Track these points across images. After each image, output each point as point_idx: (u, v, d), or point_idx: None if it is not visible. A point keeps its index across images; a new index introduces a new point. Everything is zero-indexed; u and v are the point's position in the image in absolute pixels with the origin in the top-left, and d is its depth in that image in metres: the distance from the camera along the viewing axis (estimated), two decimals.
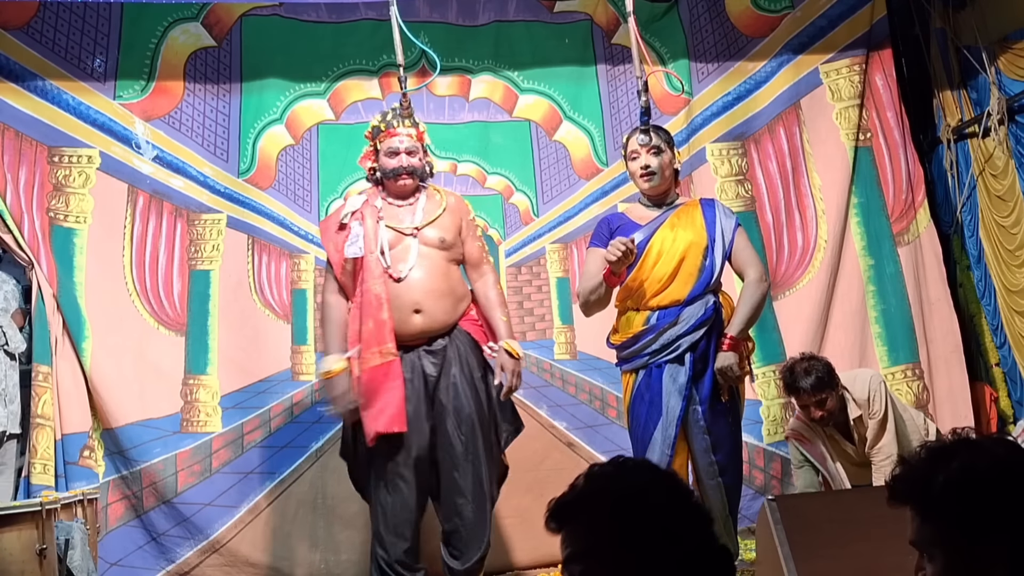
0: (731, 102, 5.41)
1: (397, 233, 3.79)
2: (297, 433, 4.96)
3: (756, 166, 5.39)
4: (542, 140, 5.43)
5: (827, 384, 3.98)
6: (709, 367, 3.62)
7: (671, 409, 3.59)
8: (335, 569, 4.74)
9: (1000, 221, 5.06)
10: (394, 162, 3.82)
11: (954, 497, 1.41)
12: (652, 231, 3.70)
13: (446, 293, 3.78)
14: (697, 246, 3.68)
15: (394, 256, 3.75)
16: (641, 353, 3.66)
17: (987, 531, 1.39)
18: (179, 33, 5.10)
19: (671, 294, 3.65)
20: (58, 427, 4.62)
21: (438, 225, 3.82)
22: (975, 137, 5.22)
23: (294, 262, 5.19)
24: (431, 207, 3.86)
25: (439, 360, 3.76)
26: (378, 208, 3.83)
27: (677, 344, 3.60)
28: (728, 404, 3.66)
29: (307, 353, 5.09)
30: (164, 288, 4.98)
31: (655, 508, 1.37)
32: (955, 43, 5.26)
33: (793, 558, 2.41)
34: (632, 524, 1.36)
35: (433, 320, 3.74)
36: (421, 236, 3.78)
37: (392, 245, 3.76)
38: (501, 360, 3.79)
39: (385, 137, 3.85)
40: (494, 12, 5.37)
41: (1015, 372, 5.04)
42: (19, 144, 4.82)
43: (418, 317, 3.71)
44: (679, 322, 3.62)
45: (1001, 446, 1.49)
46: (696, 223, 3.72)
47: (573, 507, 1.41)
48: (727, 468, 3.64)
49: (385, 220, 3.80)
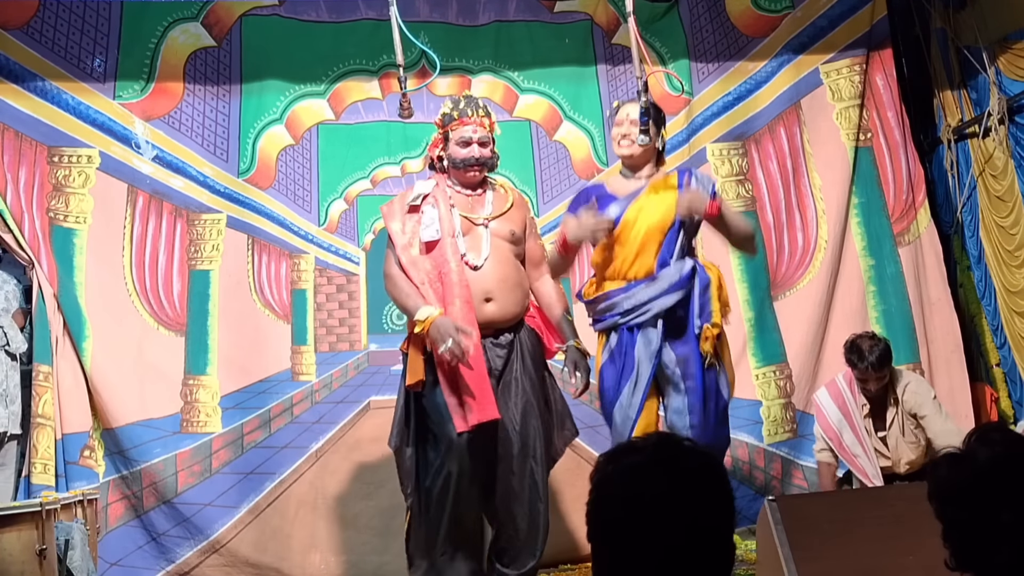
0: (731, 102, 5.41)
1: (468, 222, 3.69)
2: (297, 433, 4.96)
3: (756, 166, 5.39)
4: (542, 140, 5.43)
5: (887, 363, 4.32)
6: (687, 333, 3.59)
7: (641, 374, 3.60)
8: (335, 569, 4.74)
9: (1000, 221, 5.06)
10: (466, 152, 3.71)
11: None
12: (626, 204, 3.71)
13: (516, 285, 3.70)
14: (667, 217, 3.66)
15: (467, 244, 3.65)
16: (612, 311, 3.67)
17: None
18: (179, 33, 5.10)
19: (643, 265, 3.66)
20: (58, 427, 4.62)
21: (508, 218, 3.74)
22: (975, 137, 5.21)
23: (294, 262, 5.18)
24: (499, 200, 3.78)
25: (505, 354, 3.65)
26: (448, 195, 3.73)
27: (647, 307, 3.60)
28: (710, 366, 3.61)
29: (307, 353, 5.09)
30: (164, 288, 4.98)
31: (623, 501, 1.35)
32: (955, 43, 5.25)
33: (793, 558, 2.41)
34: (602, 517, 1.36)
35: (504, 310, 3.64)
36: (492, 227, 3.69)
37: (464, 232, 3.67)
38: (574, 358, 3.72)
39: (457, 126, 3.72)
40: (494, 12, 5.37)
41: (1015, 372, 5.04)
42: (19, 144, 4.82)
43: (490, 306, 3.61)
44: (653, 284, 3.61)
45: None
46: (668, 194, 3.70)
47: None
48: (703, 431, 3.56)
49: (457, 208, 3.71)
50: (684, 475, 1.34)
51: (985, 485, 1.50)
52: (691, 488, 1.33)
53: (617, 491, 1.35)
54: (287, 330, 5.11)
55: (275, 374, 5.03)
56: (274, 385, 5.01)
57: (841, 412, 4.44)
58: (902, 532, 2.41)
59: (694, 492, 1.32)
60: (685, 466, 1.36)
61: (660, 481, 1.32)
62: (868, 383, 4.32)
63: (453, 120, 3.74)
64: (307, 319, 5.14)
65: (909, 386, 4.38)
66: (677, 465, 1.35)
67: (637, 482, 1.34)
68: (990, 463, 1.52)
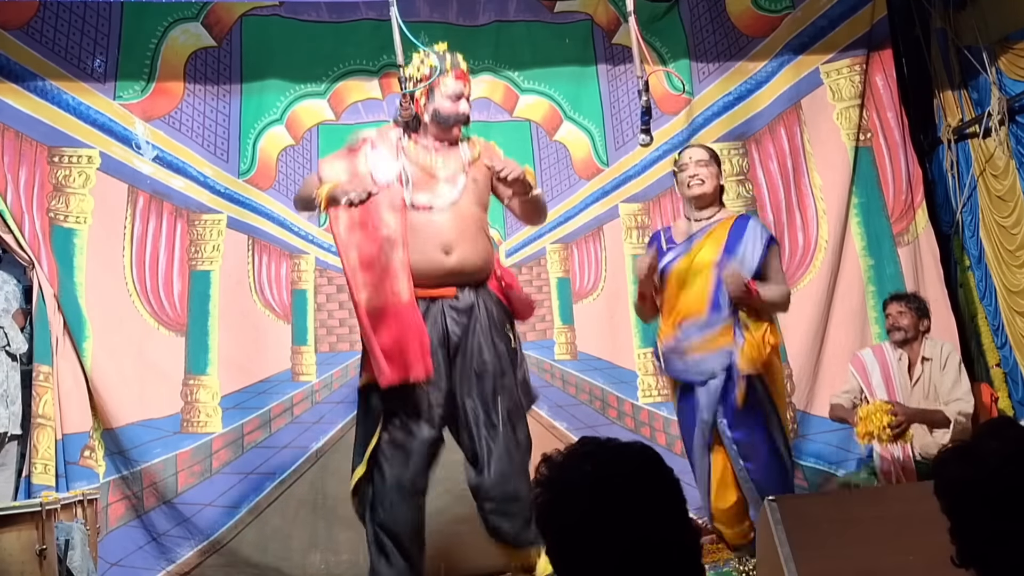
0: (732, 102, 5.41)
1: (427, 173, 3.57)
2: (297, 433, 4.96)
3: (757, 166, 5.39)
4: (542, 140, 5.43)
5: (916, 308, 4.55)
6: (733, 384, 3.66)
7: (703, 420, 3.71)
8: (335, 569, 4.74)
9: (1001, 221, 5.06)
10: (455, 107, 3.58)
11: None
12: (680, 252, 3.78)
13: (477, 233, 3.56)
14: (712, 268, 3.72)
15: (425, 192, 3.52)
16: (669, 370, 3.83)
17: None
18: (179, 33, 5.10)
19: (692, 310, 3.72)
20: (59, 427, 4.62)
21: (474, 170, 3.63)
22: (976, 137, 5.21)
23: (294, 263, 5.18)
24: (468, 153, 3.67)
25: (464, 320, 3.50)
26: (401, 144, 3.61)
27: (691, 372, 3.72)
28: (758, 413, 3.68)
29: (307, 353, 5.09)
30: (164, 288, 4.98)
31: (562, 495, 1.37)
32: (955, 43, 5.25)
33: (793, 558, 2.40)
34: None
35: (465, 259, 3.49)
36: (462, 181, 3.57)
37: (421, 182, 3.54)
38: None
39: (447, 78, 3.57)
40: (494, 12, 5.37)
41: (1016, 372, 5.03)
42: (19, 144, 4.82)
43: (450, 257, 3.47)
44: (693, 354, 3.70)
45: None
46: (720, 242, 3.75)
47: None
48: (761, 476, 3.67)
49: (411, 158, 3.58)
50: (612, 465, 1.35)
51: (993, 481, 1.49)
52: (623, 476, 1.33)
53: (551, 497, 1.37)
54: (287, 330, 5.11)
55: (275, 374, 5.03)
56: (274, 385, 5.01)
57: (879, 362, 4.52)
58: (902, 532, 2.41)
59: (627, 480, 1.33)
60: (612, 457, 1.37)
61: (587, 473, 1.34)
62: (895, 317, 4.51)
63: (442, 72, 3.57)
64: (307, 319, 5.14)
65: (942, 347, 4.51)
66: (603, 457, 1.37)
67: (565, 481, 1.35)
68: (999, 459, 1.51)
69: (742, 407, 3.64)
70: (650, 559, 1.29)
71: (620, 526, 1.29)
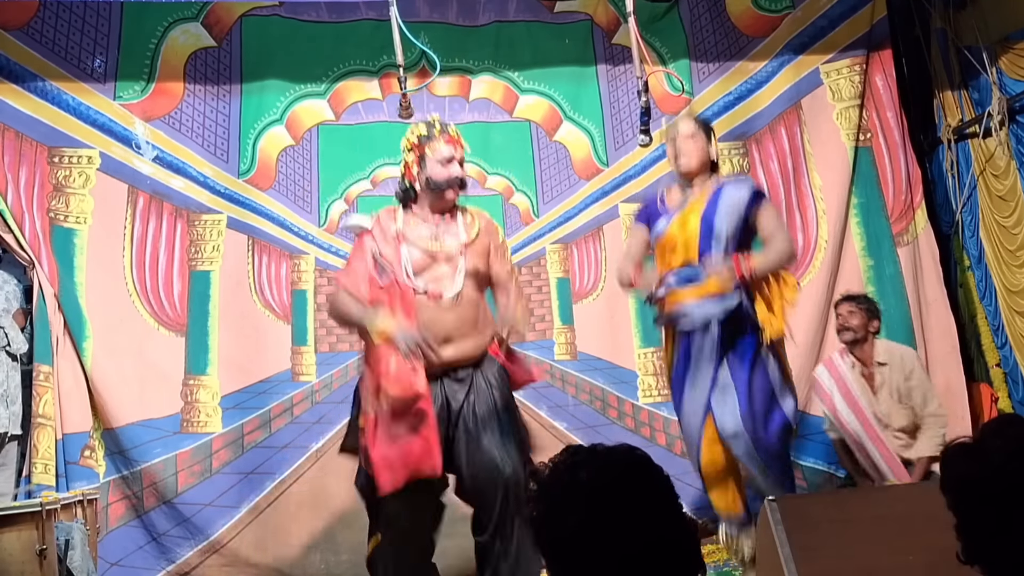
0: (732, 102, 5.41)
1: (429, 256, 3.43)
2: (297, 433, 4.96)
3: (757, 166, 5.39)
4: (542, 140, 5.43)
5: (865, 300, 4.55)
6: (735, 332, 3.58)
7: (702, 360, 3.58)
8: (335, 569, 4.74)
9: (1001, 221, 5.06)
10: (447, 171, 3.44)
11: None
12: (669, 219, 3.73)
13: (475, 327, 3.45)
14: (697, 229, 3.66)
15: (427, 278, 3.40)
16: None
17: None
18: (179, 33, 5.11)
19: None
20: (59, 427, 4.63)
21: (474, 252, 3.48)
22: (976, 137, 5.21)
23: (294, 263, 5.18)
24: (468, 227, 3.52)
25: (464, 388, 3.42)
26: (393, 230, 3.47)
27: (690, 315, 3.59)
28: (757, 358, 3.59)
29: (307, 354, 5.09)
30: (164, 288, 4.98)
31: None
32: (955, 43, 5.25)
33: (793, 558, 2.40)
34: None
35: (462, 353, 3.41)
36: (463, 259, 3.44)
37: (423, 268, 3.42)
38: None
39: (436, 144, 3.46)
40: (494, 12, 5.37)
41: (1016, 373, 5.03)
42: (19, 144, 4.82)
43: (448, 348, 3.36)
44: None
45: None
46: (701, 206, 3.70)
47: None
48: (751, 424, 3.54)
49: (412, 239, 3.45)
50: (606, 471, 1.34)
51: (998, 478, 1.48)
52: (617, 481, 1.33)
53: (545, 510, 1.36)
54: (287, 330, 5.11)
55: (275, 374, 5.03)
56: (274, 385, 5.02)
57: (833, 377, 4.52)
58: (902, 532, 2.41)
59: (622, 485, 1.33)
60: (604, 463, 1.36)
61: (581, 481, 1.33)
62: (844, 316, 4.49)
63: (431, 139, 3.47)
64: (307, 319, 5.14)
65: (902, 355, 4.49)
66: (595, 464, 1.36)
67: (560, 493, 1.34)
68: (1004, 456, 1.50)
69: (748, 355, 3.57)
70: (650, 560, 1.29)
71: (618, 531, 1.29)
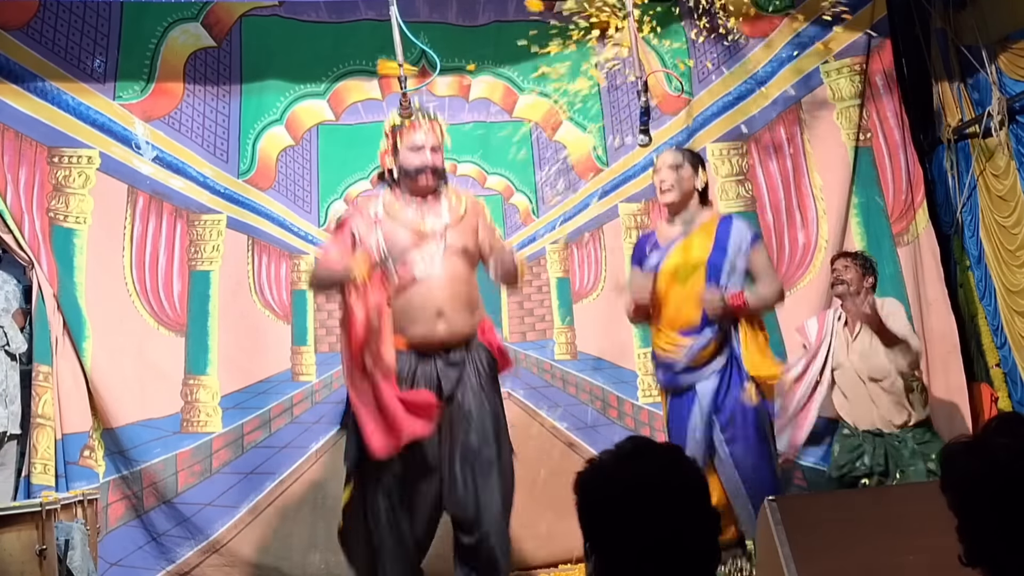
0: (731, 102, 5.41)
1: (416, 234, 3.55)
2: (297, 433, 4.96)
3: (757, 166, 5.39)
4: (542, 140, 5.43)
5: (862, 264, 4.57)
6: (726, 387, 3.67)
7: (697, 426, 3.71)
8: (335, 569, 4.72)
9: (1001, 221, 5.06)
10: (418, 158, 3.57)
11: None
12: (664, 254, 3.77)
13: (467, 303, 3.56)
14: (703, 267, 3.72)
15: (414, 252, 3.51)
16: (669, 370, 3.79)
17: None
18: (179, 33, 5.10)
19: (685, 316, 3.73)
20: (58, 427, 4.62)
21: (461, 231, 3.60)
22: (976, 137, 5.21)
23: (294, 263, 5.18)
24: (453, 209, 3.64)
25: (456, 372, 3.52)
26: (372, 212, 3.60)
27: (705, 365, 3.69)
28: (753, 414, 3.68)
29: (307, 354, 5.09)
30: (164, 288, 4.98)
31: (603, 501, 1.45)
32: (955, 43, 5.25)
33: (793, 558, 2.40)
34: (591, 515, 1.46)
35: (453, 328, 3.50)
36: (448, 240, 3.55)
37: (409, 241, 3.52)
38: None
39: (408, 131, 3.61)
40: (494, 12, 5.36)
41: (1015, 373, 5.03)
42: (19, 144, 4.82)
43: (440, 323, 3.48)
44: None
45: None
46: (707, 243, 3.74)
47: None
48: (750, 477, 3.66)
49: (398, 221, 3.57)
50: (649, 465, 1.44)
51: (1002, 477, 1.45)
52: (658, 474, 1.42)
53: (592, 492, 1.45)
54: (287, 330, 5.11)
55: (275, 374, 5.03)
56: (274, 385, 5.01)
57: (819, 328, 4.59)
58: (902, 532, 2.41)
59: (661, 478, 1.42)
60: (650, 458, 1.45)
61: (626, 473, 1.43)
62: (839, 270, 4.54)
63: (403, 127, 3.62)
64: (307, 319, 5.14)
65: (885, 303, 4.49)
66: (642, 458, 1.45)
67: (607, 478, 1.44)
68: (1008, 455, 1.47)
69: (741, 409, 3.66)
70: (677, 544, 1.39)
71: (657, 520, 1.39)
